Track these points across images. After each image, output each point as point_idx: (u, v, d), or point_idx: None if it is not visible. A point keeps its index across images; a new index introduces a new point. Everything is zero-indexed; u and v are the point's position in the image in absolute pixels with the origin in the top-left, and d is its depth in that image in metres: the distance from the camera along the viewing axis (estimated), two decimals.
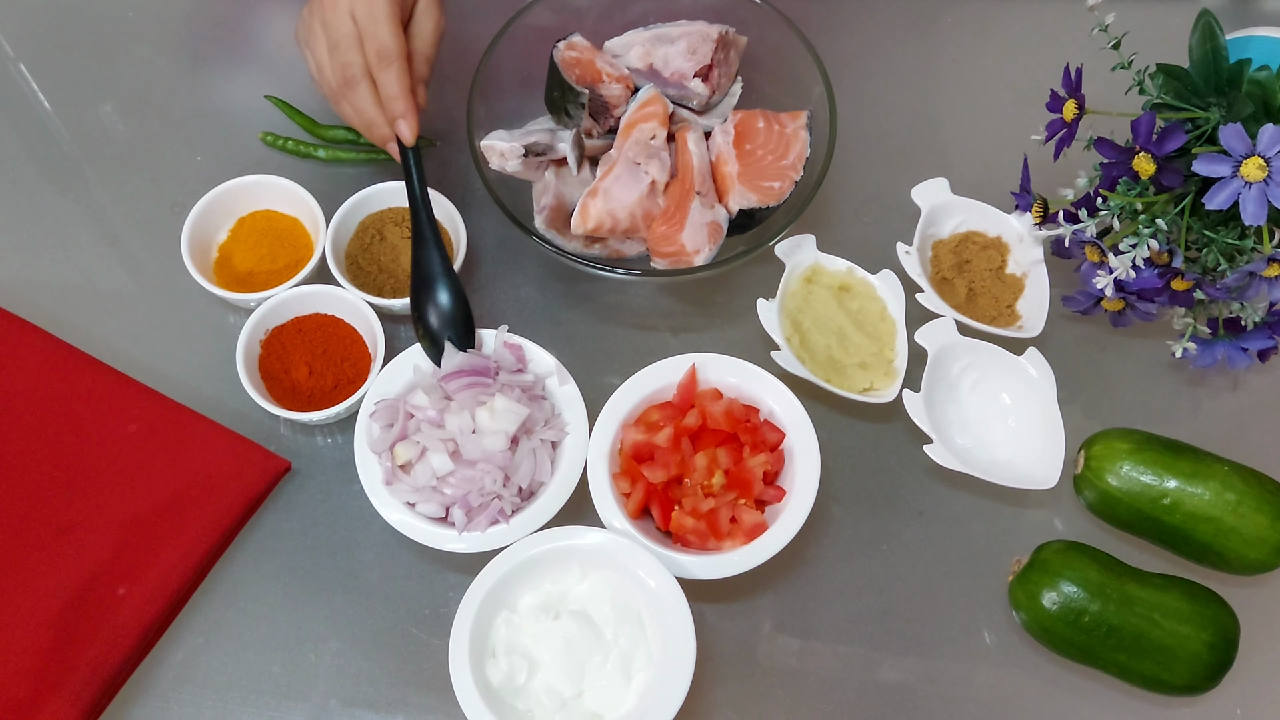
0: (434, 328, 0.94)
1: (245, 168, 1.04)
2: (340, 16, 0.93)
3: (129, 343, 1.00)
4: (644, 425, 0.92)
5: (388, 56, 0.93)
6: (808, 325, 0.98)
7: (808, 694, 0.90)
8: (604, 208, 0.97)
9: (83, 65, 1.16)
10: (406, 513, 0.89)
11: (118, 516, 0.91)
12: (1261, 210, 0.81)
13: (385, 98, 0.94)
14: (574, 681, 0.84)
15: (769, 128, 1.01)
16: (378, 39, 0.92)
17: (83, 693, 0.85)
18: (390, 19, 0.92)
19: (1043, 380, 0.95)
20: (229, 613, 0.91)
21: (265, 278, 1.01)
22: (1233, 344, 0.93)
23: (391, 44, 0.92)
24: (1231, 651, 0.86)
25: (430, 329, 0.94)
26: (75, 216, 1.08)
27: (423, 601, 0.92)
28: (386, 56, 0.93)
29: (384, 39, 0.92)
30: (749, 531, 0.88)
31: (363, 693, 0.89)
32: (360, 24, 0.92)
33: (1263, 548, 0.87)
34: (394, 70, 0.93)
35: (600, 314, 1.04)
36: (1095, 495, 0.91)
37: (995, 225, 1.03)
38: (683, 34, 1.02)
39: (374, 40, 0.92)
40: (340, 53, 0.94)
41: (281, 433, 0.98)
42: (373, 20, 0.92)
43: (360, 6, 0.92)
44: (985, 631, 0.92)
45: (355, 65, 0.94)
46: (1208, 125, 0.87)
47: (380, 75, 0.93)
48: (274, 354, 0.97)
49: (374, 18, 0.92)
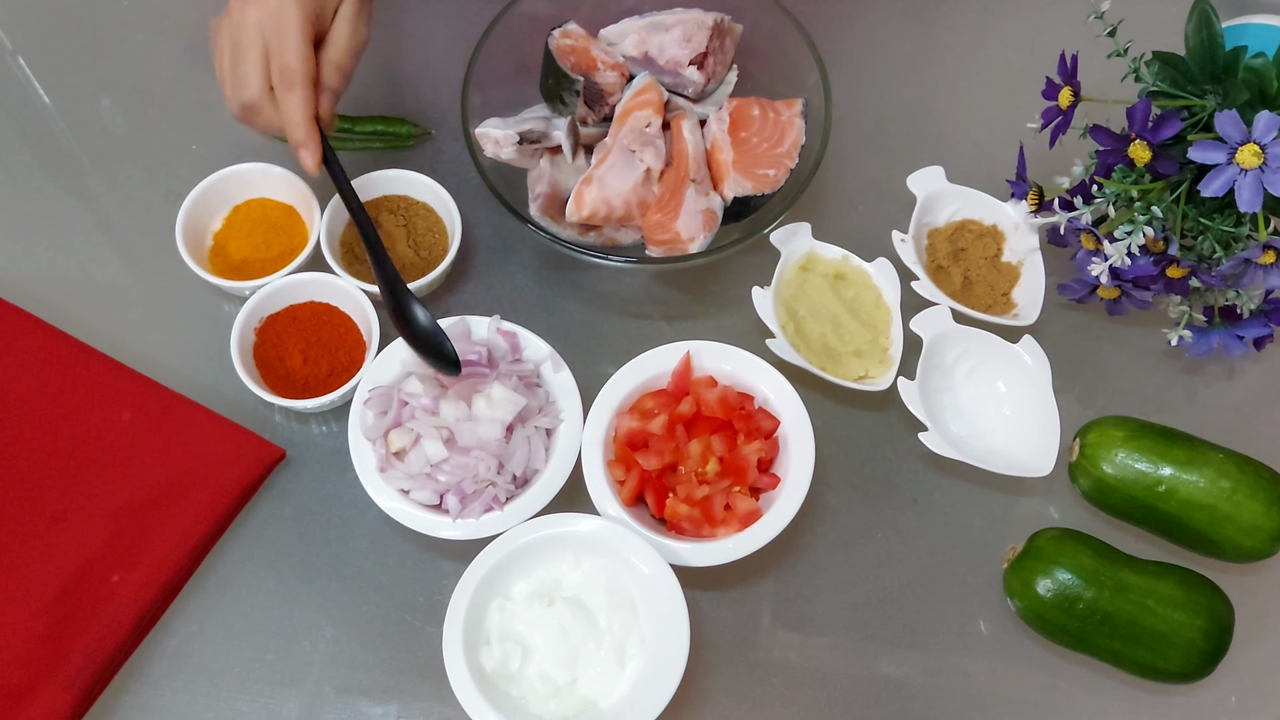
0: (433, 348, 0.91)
1: (240, 156, 1.04)
2: (248, 31, 0.88)
3: (123, 331, 1.00)
4: (638, 413, 0.92)
5: (291, 80, 0.88)
6: (803, 313, 0.98)
7: (802, 681, 0.90)
8: (599, 195, 0.96)
9: (78, 55, 1.15)
10: (401, 500, 0.89)
11: (112, 504, 0.91)
12: (1257, 197, 0.81)
13: (285, 123, 0.90)
14: (567, 668, 0.84)
15: (764, 115, 1.01)
16: (281, 59, 0.88)
17: (77, 680, 0.85)
18: (299, 40, 0.88)
19: (1038, 368, 0.95)
20: (223, 600, 0.91)
21: (260, 265, 1.00)
22: (1228, 332, 0.93)
23: (296, 66, 0.88)
24: (1226, 639, 0.86)
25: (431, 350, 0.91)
26: (70, 205, 1.08)
27: (417, 588, 0.92)
28: (290, 80, 0.88)
29: (288, 60, 0.88)
30: (743, 519, 0.88)
31: (357, 680, 0.89)
32: (267, 40, 0.88)
33: (1257, 535, 0.87)
34: (296, 94, 0.88)
35: (595, 302, 1.04)
36: (1090, 483, 0.91)
37: (991, 213, 1.03)
38: (678, 22, 1.02)
39: (278, 60, 0.88)
40: (240, 69, 0.89)
41: (276, 420, 0.98)
42: (278, 38, 0.88)
43: (268, 24, 0.88)
44: (980, 619, 0.92)
45: (255, 83, 0.89)
46: (1203, 112, 0.87)
47: (281, 98, 0.89)
48: (268, 342, 0.97)
49: (281, 34, 0.87)
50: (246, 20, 0.88)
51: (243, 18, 0.88)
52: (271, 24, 0.88)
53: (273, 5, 0.88)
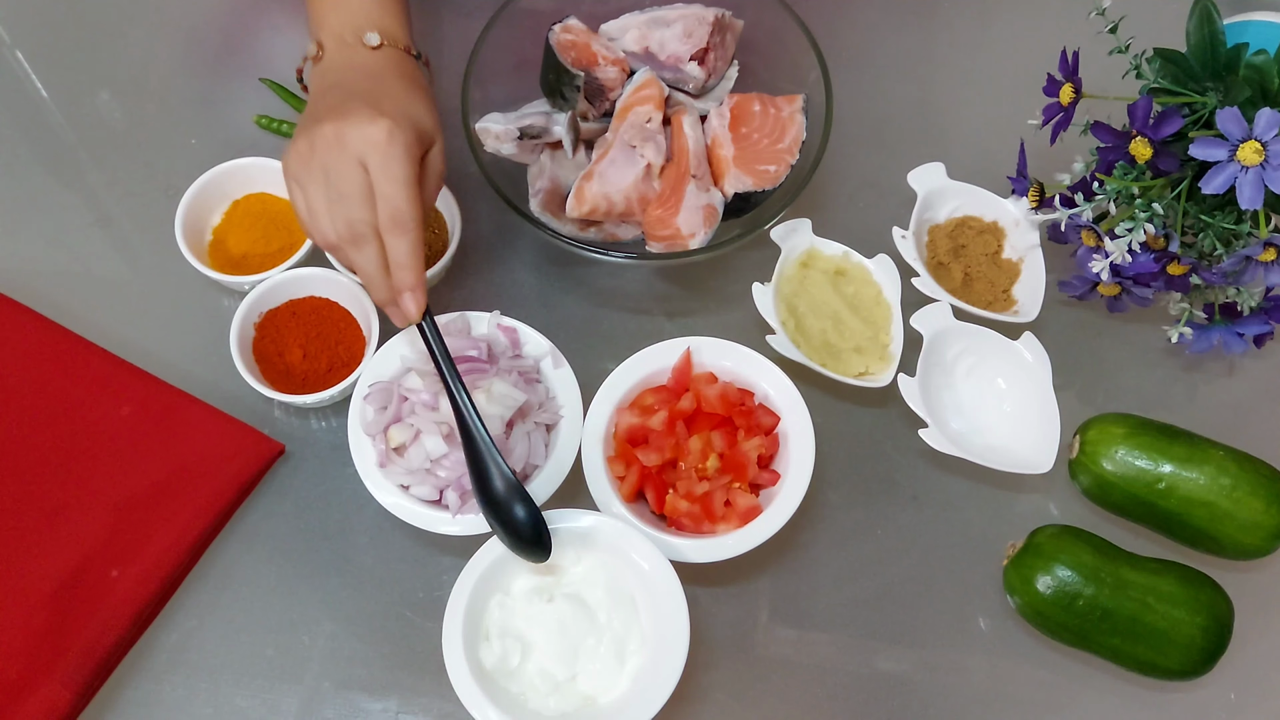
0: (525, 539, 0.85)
1: (240, 150, 1.04)
2: (349, 164, 0.81)
3: (123, 326, 1.00)
4: (639, 409, 0.92)
5: (404, 224, 0.81)
6: (803, 309, 0.98)
7: (802, 677, 0.90)
8: (599, 191, 0.96)
9: (76, 49, 1.15)
10: (400, 495, 0.89)
11: (111, 499, 0.91)
12: (1258, 194, 0.81)
13: (394, 265, 0.83)
14: (567, 664, 0.84)
15: (765, 111, 1.01)
16: (394, 202, 0.81)
17: (76, 675, 0.84)
18: (409, 182, 0.82)
19: (1038, 365, 0.95)
20: (222, 595, 0.91)
21: (259, 260, 1.00)
22: (1229, 329, 0.93)
23: (409, 211, 0.81)
24: (1226, 636, 0.86)
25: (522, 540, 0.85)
26: (69, 200, 1.07)
27: (416, 584, 0.92)
28: (403, 224, 0.81)
29: (400, 204, 0.81)
30: (743, 515, 0.88)
31: (356, 675, 0.89)
32: (374, 179, 0.81)
33: (1257, 532, 0.87)
34: (409, 240, 0.82)
35: (595, 297, 1.04)
36: (1090, 480, 0.91)
37: (991, 210, 1.03)
38: (679, 17, 1.02)
39: (389, 203, 0.81)
40: (347, 208, 0.82)
41: (275, 416, 0.98)
42: (389, 180, 0.81)
43: (374, 159, 0.81)
44: (979, 616, 0.92)
45: (364, 224, 0.82)
46: (1205, 110, 0.87)
47: (391, 242, 0.82)
48: (268, 337, 0.97)
49: (391, 177, 0.81)
50: (346, 151, 0.81)
51: (340, 148, 0.81)
52: (379, 161, 0.81)
53: (378, 140, 0.81)
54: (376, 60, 0.91)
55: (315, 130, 0.83)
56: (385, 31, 0.92)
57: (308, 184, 0.83)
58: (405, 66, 0.92)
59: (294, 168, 0.84)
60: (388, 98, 0.86)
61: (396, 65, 0.91)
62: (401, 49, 0.92)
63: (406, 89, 0.89)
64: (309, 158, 0.83)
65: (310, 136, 0.83)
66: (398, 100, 0.86)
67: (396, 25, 0.94)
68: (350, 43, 0.91)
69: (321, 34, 0.92)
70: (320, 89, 0.90)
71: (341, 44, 0.91)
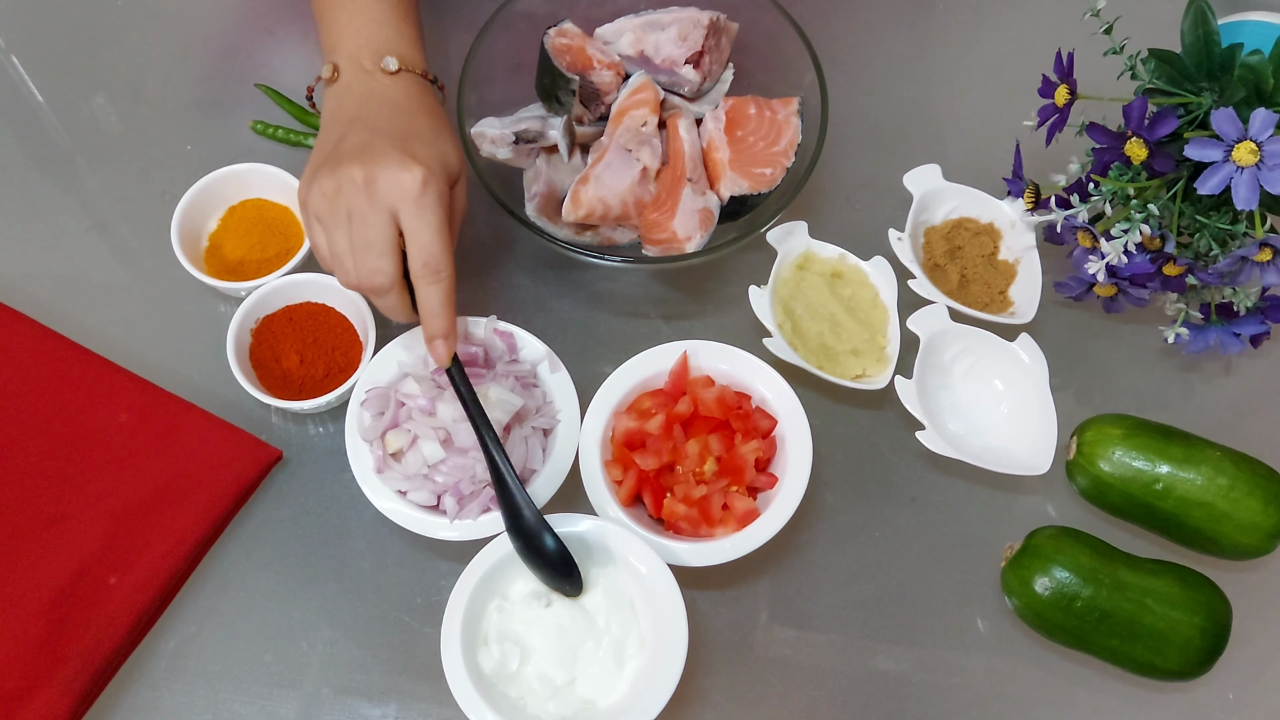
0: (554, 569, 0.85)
1: (235, 156, 1.04)
2: (378, 213, 0.80)
3: (119, 332, 1.00)
4: (636, 413, 0.92)
5: (438, 272, 0.81)
6: (800, 312, 0.98)
7: (800, 680, 0.90)
8: (595, 195, 0.96)
9: (72, 54, 1.15)
10: (398, 501, 0.89)
11: (109, 506, 0.91)
12: (1253, 194, 0.81)
13: (426, 313, 0.83)
14: (566, 668, 0.84)
15: (760, 114, 1.01)
16: (428, 251, 0.80)
17: (74, 682, 0.84)
18: (442, 230, 0.81)
19: (1035, 366, 0.95)
20: (220, 602, 0.91)
21: (256, 266, 1.00)
22: (1225, 329, 0.93)
23: (443, 259, 0.81)
24: (1224, 636, 0.86)
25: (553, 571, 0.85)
26: (65, 206, 1.07)
27: (414, 589, 0.92)
28: (437, 272, 0.81)
29: (435, 252, 0.80)
30: (741, 518, 0.88)
31: (355, 681, 0.89)
32: (406, 227, 0.80)
33: (1255, 533, 0.87)
34: (442, 288, 0.82)
35: (592, 301, 1.04)
36: (1087, 481, 0.91)
37: (988, 211, 1.03)
38: (674, 20, 1.02)
39: (424, 252, 0.80)
40: (372, 258, 0.81)
41: (273, 421, 0.98)
42: (425, 229, 0.80)
43: (407, 208, 0.80)
44: (978, 617, 0.92)
45: (388, 275, 0.81)
46: (1200, 110, 0.87)
47: (424, 289, 0.82)
48: (265, 343, 0.96)
49: (426, 226, 0.80)
50: (376, 200, 0.80)
51: (369, 196, 0.80)
52: (412, 211, 0.80)
53: (412, 190, 0.80)
54: (397, 90, 0.89)
55: (343, 172, 0.81)
56: (402, 56, 0.90)
57: (332, 227, 0.82)
58: (427, 99, 0.90)
59: (317, 206, 0.82)
60: (417, 140, 0.84)
61: (419, 98, 0.89)
62: (419, 74, 0.91)
63: (433, 127, 0.87)
64: (334, 199, 0.81)
65: (337, 177, 0.81)
66: (426, 141, 0.84)
67: (413, 49, 0.92)
68: (369, 68, 0.89)
69: (336, 56, 0.90)
70: (341, 119, 0.87)
71: (359, 69, 0.89)
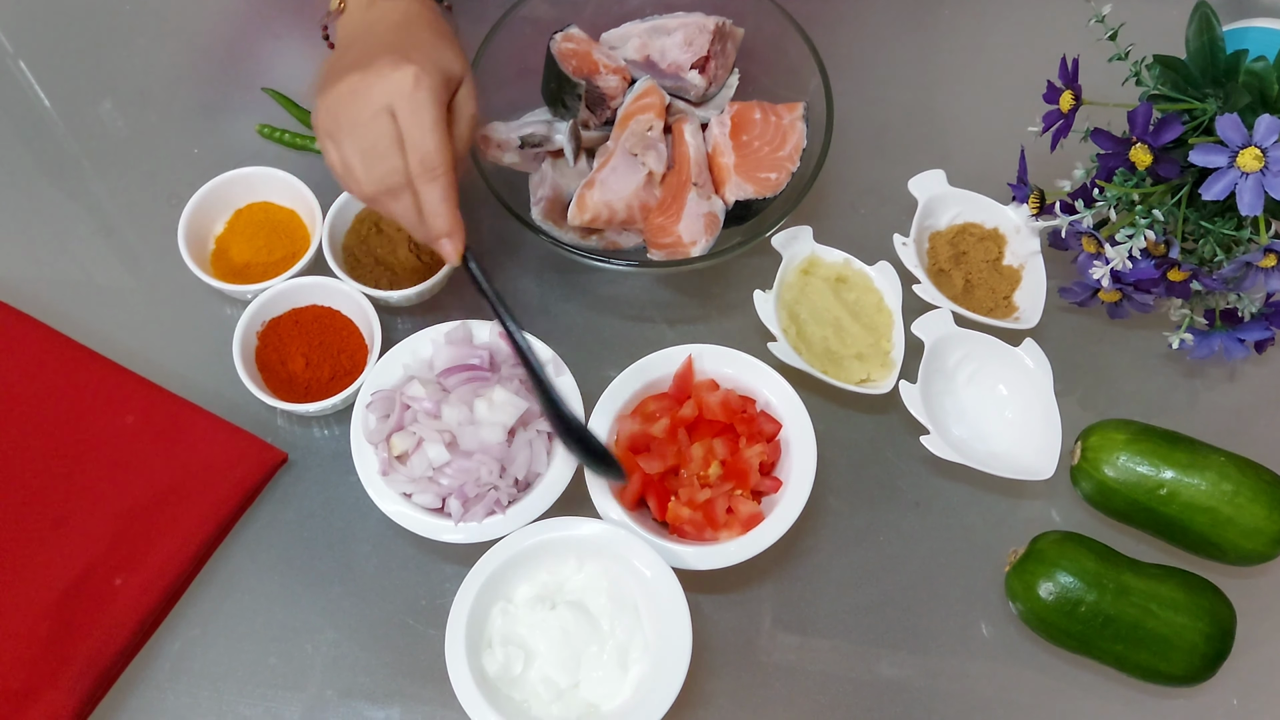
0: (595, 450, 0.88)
1: (242, 160, 1.04)
2: (376, 114, 0.80)
3: (126, 335, 1.00)
4: (641, 416, 0.92)
5: (434, 170, 0.81)
6: (804, 316, 0.98)
7: (804, 684, 0.90)
8: (601, 199, 0.97)
9: (79, 58, 1.15)
10: (403, 503, 0.89)
11: (114, 508, 0.91)
12: (1258, 200, 0.81)
13: (427, 213, 0.83)
14: (570, 672, 0.84)
15: (766, 119, 1.01)
16: (423, 148, 0.80)
17: (79, 683, 0.85)
18: (437, 125, 0.81)
19: (1039, 371, 0.95)
20: (225, 604, 0.91)
21: (262, 269, 1.01)
22: (1229, 335, 0.93)
23: (439, 156, 0.81)
24: (1228, 642, 0.86)
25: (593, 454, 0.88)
26: (72, 209, 1.08)
27: (419, 592, 0.92)
28: (432, 169, 0.81)
29: (430, 149, 0.81)
30: (745, 522, 0.88)
31: (359, 683, 0.89)
32: (402, 125, 0.81)
33: (1259, 538, 0.87)
34: (440, 185, 0.82)
35: (597, 305, 1.04)
36: (1092, 486, 0.91)
37: (992, 217, 1.03)
38: (679, 25, 1.02)
39: (419, 149, 0.81)
40: (380, 159, 0.81)
41: (278, 424, 0.98)
42: (418, 125, 0.80)
43: (401, 105, 0.80)
44: (981, 622, 0.92)
45: (398, 174, 0.81)
46: (1204, 116, 0.87)
47: (423, 188, 0.82)
48: (271, 345, 0.97)
49: (419, 123, 0.80)
50: (373, 102, 0.80)
51: (366, 99, 0.80)
52: (406, 108, 0.80)
53: (404, 87, 0.80)
54: (398, 10, 0.88)
55: (342, 84, 0.82)
56: None
57: (340, 139, 0.83)
58: (428, 14, 0.90)
59: (324, 124, 0.84)
60: (414, 48, 0.84)
61: (419, 14, 0.89)
62: None
63: (433, 37, 0.87)
64: (337, 112, 0.82)
65: (337, 90, 0.82)
66: (424, 48, 0.84)
67: None
68: None
69: None
70: (344, 43, 0.88)
71: None
